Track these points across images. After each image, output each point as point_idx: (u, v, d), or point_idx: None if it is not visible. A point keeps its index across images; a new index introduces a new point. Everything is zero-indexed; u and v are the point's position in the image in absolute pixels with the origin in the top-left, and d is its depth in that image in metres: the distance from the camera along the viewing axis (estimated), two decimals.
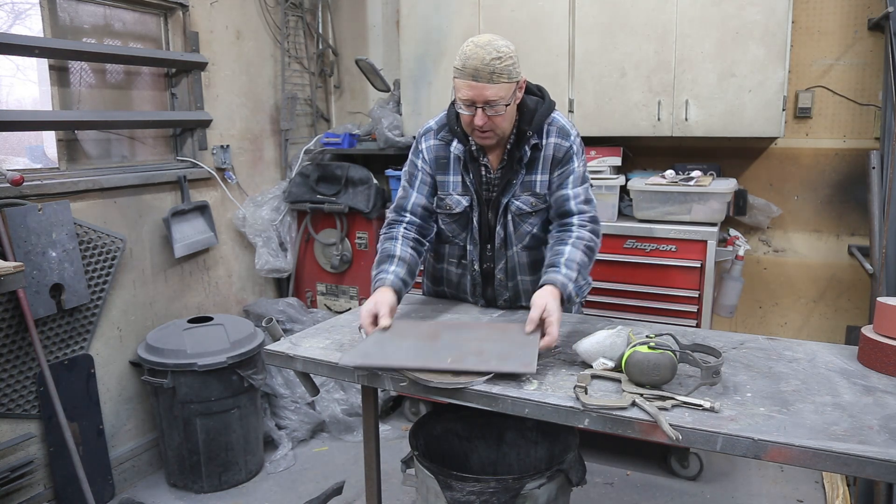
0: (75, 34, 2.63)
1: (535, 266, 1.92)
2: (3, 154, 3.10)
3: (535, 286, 1.77)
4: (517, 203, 1.85)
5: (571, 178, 1.81)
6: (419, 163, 1.91)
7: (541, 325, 1.55)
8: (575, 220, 1.79)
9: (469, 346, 1.53)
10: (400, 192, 1.95)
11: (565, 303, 1.65)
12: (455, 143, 1.84)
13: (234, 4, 3.24)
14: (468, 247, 1.93)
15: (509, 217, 1.87)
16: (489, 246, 1.92)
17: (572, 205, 1.80)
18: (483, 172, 1.87)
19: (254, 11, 3.36)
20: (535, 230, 1.89)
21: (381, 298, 1.67)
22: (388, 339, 1.59)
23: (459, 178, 1.88)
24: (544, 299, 1.57)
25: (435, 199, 1.93)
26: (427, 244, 1.94)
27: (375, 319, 1.64)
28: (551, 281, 1.64)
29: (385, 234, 1.89)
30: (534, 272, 1.93)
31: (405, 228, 1.88)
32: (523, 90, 1.76)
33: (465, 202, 1.88)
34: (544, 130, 1.81)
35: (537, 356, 1.45)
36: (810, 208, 2.99)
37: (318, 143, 3.56)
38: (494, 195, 1.87)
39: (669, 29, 2.67)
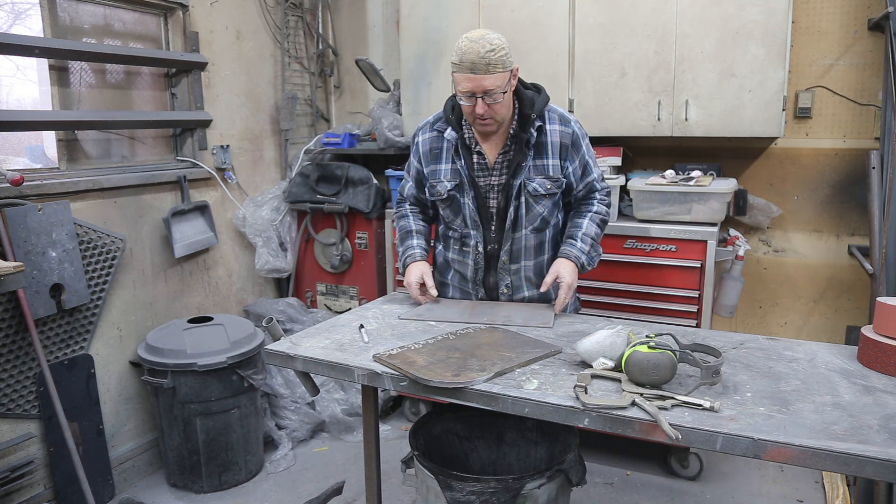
0: (75, 34, 2.63)
1: (539, 250, 2.03)
2: (3, 154, 3.10)
3: (536, 273, 2.03)
4: (533, 184, 1.94)
5: (589, 162, 2.01)
6: (413, 158, 2.10)
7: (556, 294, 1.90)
8: (596, 195, 2.05)
9: (499, 315, 1.90)
10: (400, 185, 2.21)
11: (580, 270, 1.96)
12: (448, 130, 1.96)
13: (234, 4, 3.24)
14: (471, 231, 2.01)
15: (523, 199, 1.95)
16: (493, 227, 2.00)
17: (597, 185, 2.05)
18: (475, 160, 1.96)
19: (254, 11, 3.36)
20: (545, 212, 1.99)
21: (424, 269, 2.02)
22: (438, 306, 2.00)
23: (450, 166, 1.99)
24: (559, 267, 1.92)
25: (427, 188, 2.07)
26: (430, 215, 2.19)
27: (421, 287, 1.99)
28: (566, 255, 1.95)
29: (397, 213, 2.21)
30: (536, 256, 2.03)
31: (409, 204, 2.18)
32: (517, 78, 1.87)
33: (449, 186, 1.98)
34: (546, 116, 1.93)
35: (553, 318, 1.85)
36: (810, 208, 2.99)
37: (318, 143, 3.56)
38: (503, 180, 1.96)
39: (669, 29, 2.68)
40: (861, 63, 2.81)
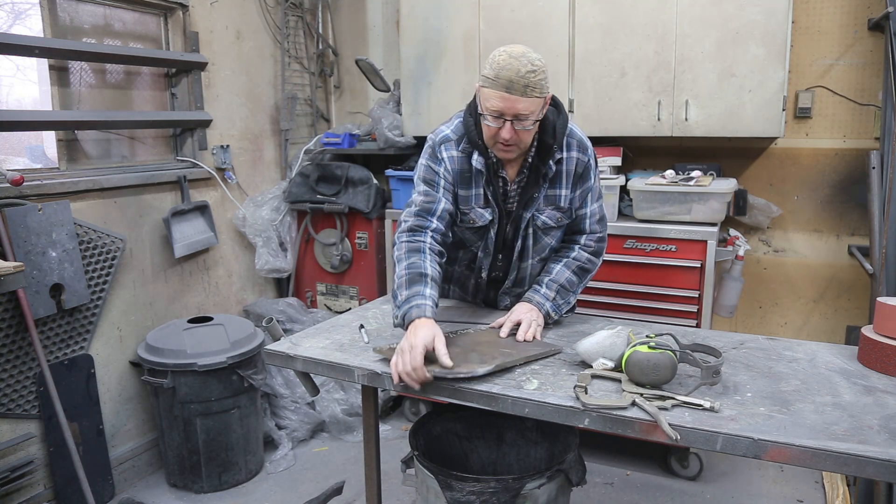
0: (75, 34, 2.63)
1: None
2: (3, 154, 3.10)
3: None
4: (542, 218, 1.82)
5: (590, 195, 1.87)
6: (441, 170, 1.78)
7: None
8: (582, 238, 1.90)
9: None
10: (422, 196, 1.78)
11: (546, 318, 1.79)
12: (476, 155, 1.75)
13: (234, 4, 3.24)
14: (479, 254, 1.90)
15: (531, 231, 1.84)
16: (500, 256, 1.90)
17: (586, 224, 1.89)
18: (501, 185, 1.82)
19: (254, 11, 3.36)
20: (553, 242, 1.90)
21: (437, 332, 1.50)
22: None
23: (482, 192, 1.80)
24: (514, 307, 1.79)
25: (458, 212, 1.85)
26: (445, 256, 1.82)
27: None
28: (527, 299, 1.81)
29: (410, 241, 1.72)
30: None
31: (431, 238, 1.73)
32: (548, 107, 1.71)
33: (488, 216, 1.81)
34: (565, 143, 1.77)
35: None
36: (810, 208, 2.99)
37: (318, 143, 3.56)
38: (514, 209, 1.84)
39: (669, 29, 2.67)
40: (861, 63, 2.81)
